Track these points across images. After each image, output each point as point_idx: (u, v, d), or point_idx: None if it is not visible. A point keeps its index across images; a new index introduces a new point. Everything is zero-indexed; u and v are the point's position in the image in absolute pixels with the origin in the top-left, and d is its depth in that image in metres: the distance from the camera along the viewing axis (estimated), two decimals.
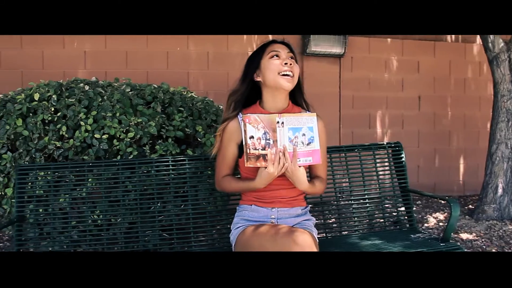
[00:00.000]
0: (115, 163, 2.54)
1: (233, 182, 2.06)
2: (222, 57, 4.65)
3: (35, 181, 2.47)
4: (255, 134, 1.89)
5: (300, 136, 1.91)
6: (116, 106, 2.82)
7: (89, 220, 2.61)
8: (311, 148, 1.92)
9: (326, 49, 4.62)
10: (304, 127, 1.92)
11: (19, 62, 4.37)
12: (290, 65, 1.98)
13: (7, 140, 2.73)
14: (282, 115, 1.91)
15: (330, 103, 4.80)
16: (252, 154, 1.88)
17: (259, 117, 1.90)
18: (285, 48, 2.05)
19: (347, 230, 2.53)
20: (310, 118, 1.94)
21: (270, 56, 2.00)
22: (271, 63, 1.98)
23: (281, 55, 2.00)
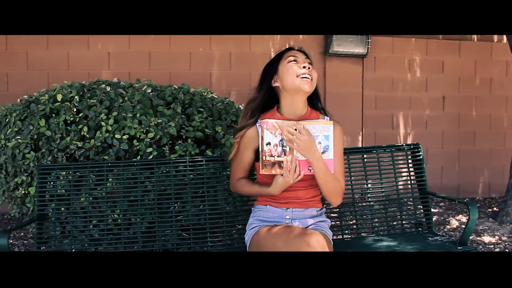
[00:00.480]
0: (134, 163, 2.58)
1: (248, 186, 2.07)
2: (244, 58, 4.67)
3: (56, 180, 2.53)
4: (272, 141, 1.90)
5: (316, 144, 1.91)
6: (137, 107, 2.86)
7: (110, 219, 2.66)
8: (326, 157, 1.91)
9: (349, 49, 4.59)
10: (320, 135, 1.92)
11: (45, 63, 4.46)
12: (309, 68, 1.98)
13: (30, 140, 2.79)
14: (300, 122, 1.91)
15: (353, 104, 4.77)
16: (267, 161, 1.89)
17: (277, 123, 1.91)
18: (302, 54, 2.06)
19: (364, 232, 2.52)
20: (326, 126, 1.94)
21: (288, 60, 2.01)
22: (290, 66, 1.99)
23: (299, 60, 2.01)
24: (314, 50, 4.70)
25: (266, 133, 1.90)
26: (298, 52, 2.06)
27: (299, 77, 1.96)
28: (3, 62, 4.45)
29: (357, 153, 2.53)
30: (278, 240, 1.81)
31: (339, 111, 4.66)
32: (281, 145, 1.90)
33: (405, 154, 2.52)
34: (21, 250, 3.26)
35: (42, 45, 4.47)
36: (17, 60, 4.46)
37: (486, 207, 4.56)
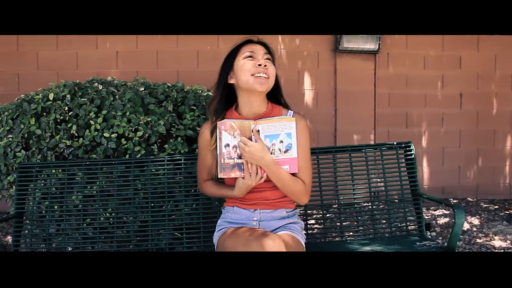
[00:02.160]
0: (127, 161, 2.57)
1: (213, 188, 2.00)
2: None
3: (45, 178, 2.55)
4: (231, 142, 1.82)
5: (277, 143, 1.82)
6: (127, 105, 2.83)
7: (101, 218, 2.64)
8: (288, 156, 1.82)
9: (359, 45, 4.46)
10: (282, 133, 1.83)
11: (55, 63, 4.51)
12: (265, 66, 1.87)
13: (21, 138, 2.79)
14: (258, 122, 1.83)
15: (365, 102, 4.64)
16: (226, 164, 1.81)
17: (235, 124, 1.83)
18: (262, 48, 1.95)
19: (350, 236, 2.41)
20: (289, 124, 1.84)
21: (244, 56, 1.91)
22: (244, 63, 1.89)
23: (256, 56, 1.90)
24: (324, 46, 4.60)
25: (224, 134, 1.82)
26: (257, 46, 1.95)
27: (253, 76, 1.86)
28: (14, 62, 4.52)
29: (343, 152, 2.42)
30: (237, 243, 1.74)
31: (350, 109, 4.59)
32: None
33: (396, 153, 2.39)
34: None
35: (51, 45, 4.52)
36: (28, 60, 4.52)
37: (503, 209, 4.35)
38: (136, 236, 2.58)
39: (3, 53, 4.51)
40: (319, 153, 2.41)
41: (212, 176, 2.03)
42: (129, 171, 2.56)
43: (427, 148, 4.74)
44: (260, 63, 1.87)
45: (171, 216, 2.56)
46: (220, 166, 1.82)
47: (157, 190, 2.60)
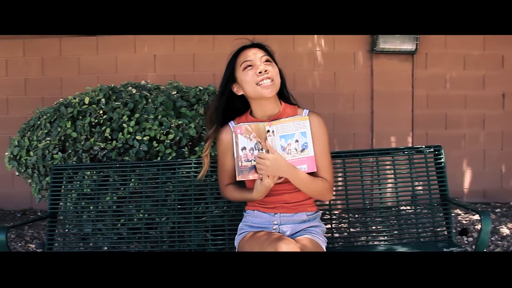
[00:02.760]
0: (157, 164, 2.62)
1: (234, 192, 2.02)
2: (288, 57, 4.59)
3: (80, 179, 2.63)
4: (247, 145, 1.84)
5: (293, 143, 1.83)
6: (159, 108, 2.89)
7: (135, 218, 2.71)
8: (305, 155, 1.82)
9: (396, 46, 4.38)
10: (296, 132, 1.84)
11: (95, 68, 4.64)
12: (266, 72, 1.88)
13: (58, 141, 2.89)
14: (272, 123, 1.84)
15: (402, 103, 4.55)
16: (244, 166, 1.83)
17: (250, 127, 1.84)
18: (257, 51, 1.96)
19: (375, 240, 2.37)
20: (303, 122, 1.84)
21: (243, 67, 1.93)
22: (246, 75, 1.91)
23: (255, 63, 1.91)
24: (360, 47, 4.54)
25: (240, 138, 1.84)
26: (252, 50, 1.96)
27: (258, 85, 1.87)
28: (57, 67, 4.68)
29: (369, 156, 2.39)
30: (254, 247, 1.75)
31: (387, 111, 4.52)
32: (257, 148, 1.83)
33: (425, 157, 2.34)
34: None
35: (92, 50, 4.65)
36: (70, 65, 4.67)
37: None
38: (168, 237, 2.62)
39: (46, 58, 4.68)
40: (345, 157, 2.39)
41: (233, 180, 2.05)
42: (161, 173, 2.61)
43: (468, 150, 4.61)
44: (260, 70, 1.88)
45: (201, 218, 2.59)
46: (238, 169, 1.84)
47: (188, 192, 2.64)
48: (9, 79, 4.71)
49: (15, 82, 4.70)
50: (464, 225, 3.70)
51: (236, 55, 2.00)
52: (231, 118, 2.06)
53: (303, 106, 2.07)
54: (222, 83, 2.03)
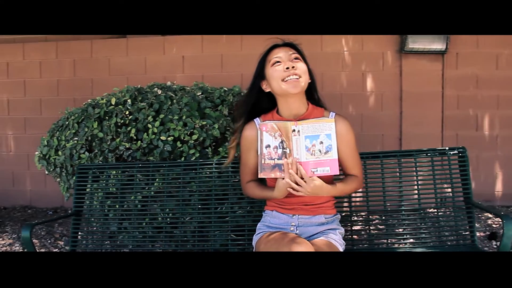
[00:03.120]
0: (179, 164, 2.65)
1: (256, 190, 2.02)
2: (316, 58, 4.54)
3: (106, 179, 2.68)
4: (272, 143, 1.83)
5: (317, 144, 1.82)
6: (184, 109, 2.92)
7: (159, 218, 2.74)
8: (329, 157, 1.81)
9: (425, 46, 4.31)
10: (321, 134, 1.83)
11: (125, 69, 4.72)
12: (293, 68, 1.88)
13: (85, 141, 2.96)
14: (298, 123, 1.84)
15: (432, 104, 4.47)
16: (267, 164, 1.82)
17: (276, 125, 1.85)
18: (287, 50, 1.97)
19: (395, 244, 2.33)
20: (328, 124, 1.83)
21: (272, 63, 1.94)
22: (274, 71, 1.93)
23: (283, 60, 1.92)
24: (389, 47, 4.48)
25: (265, 135, 1.84)
26: (283, 49, 1.98)
27: (284, 81, 1.88)
28: (88, 69, 4.78)
29: (391, 157, 2.35)
30: (270, 248, 1.76)
31: (416, 111, 4.44)
32: (281, 147, 1.83)
33: (448, 159, 2.29)
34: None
35: (122, 52, 4.74)
36: (100, 66, 4.76)
37: None
38: (192, 236, 2.64)
39: (78, 60, 4.79)
40: (367, 158, 2.36)
41: (255, 177, 2.06)
42: (184, 173, 2.63)
43: (500, 152, 4.49)
44: (287, 66, 1.88)
45: (225, 218, 2.60)
46: (260, 166, 1.84)
47: (211, 192, 2.66)
48: (42, 81, 4.84)
49: (48, 84, 4.83)
50: (494, 229, 3.61)
51: (267, 52, 2.03)
52: (258, 115, 2.06)
53: (330, 109, 2.06)
54: (252, 79, 2.06)
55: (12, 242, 3.41)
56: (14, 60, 4.90)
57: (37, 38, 4.88)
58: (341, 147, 1.92)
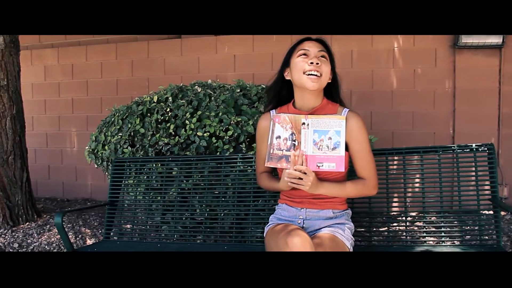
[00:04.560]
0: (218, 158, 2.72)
1: (266, 180, 2.06)
2: (367, 55, 4.52)
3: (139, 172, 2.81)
4: (282, 135, 1.87)
5: (326, 139, 1.83)
6: (221, 106, 3.01)
7: (197, 210, 2.84)
8: (336, 153, 1.81)
9: (480, 40, 4.14)
10: (331, 130, 1.83)
11: (179, 68, 4.90)
12: (317, 64, 1.88)
13: (128, 136, 3.12)
14: (309, 117, 1.85)
15: (488, 100, 4.28)
16: (275, 154, 1.86)
17: (288, 117, 1.88)
18: (317, 46, 1.95)
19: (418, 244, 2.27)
20: (338, 121, 1.84)
21: (299, 54, 1.94)
22: (298, 61, 1.93)
23: (310, 54, 1.92)
24: (442, 43, 4.35)
25: (277, 126, 1.88)
26: (313, 43, 1.96)
27: (305, 74, 1.88)
28: (145, 68, 5.00)
29: (413, 153, 2.30)
30: (272, 239, 1.80)
31: (471, 109, 4.29)
32: (291, 139, 1.85)
33: (474, 157, 2.20)
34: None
35: (176, 52, 4.92)
36: (156, 66, 4.97)
37: None
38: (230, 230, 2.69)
39: (136, 60, 5.03)
40: (389, 154, 2.33)
41: (268, 169, 2.10)
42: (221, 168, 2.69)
43: None
44: (312, 61, 1.88)
45: (261, 212, 2.62)
46: (268, 155, 1.87)
47: (247, 186, 2.71)
48: (103, 81, 5.13)
49: (108, 83, 5.10)
50: None
51: (298, 43, 2.03)
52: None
53: (347, 106, 2.05)
54: (280, 67, 2.08)
55: (67, 231, 3.65)
56: (78, 62, 5.23)
57: (99, 40, 5.17)
58: (351, 144, 1.92)
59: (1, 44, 3.76)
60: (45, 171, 5.39)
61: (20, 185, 3.92)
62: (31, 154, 5.31)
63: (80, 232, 3.66)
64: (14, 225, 3.83)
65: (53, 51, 5.34)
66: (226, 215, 2.71)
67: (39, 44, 5.40)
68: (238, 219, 2.62)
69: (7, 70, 3.82)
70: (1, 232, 3.71)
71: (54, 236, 3.56)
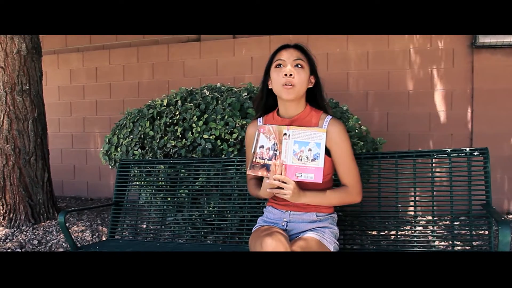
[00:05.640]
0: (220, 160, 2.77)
1: (252, 187, 2.10)
2: (383, 56, 4.50)
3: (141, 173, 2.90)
4: (266, 144, 1.90)
5: (306, 150, 1.85)
6: (227, 109, 3.07)
7: (205, 211, 2.90)
8: (315, 165, 1.83)
9: (498, 39, 4.07)
10: (311, 142, 1.85)
11: (198, 70, 4.99)
12: (291, 75, 1.90)
13: (139, 139, 3.21)
14: (290, 127, 1.88)
15: (507, 101, 4.19)
16: (257, 163, 1.90)
17: (272, 128, 1.91)
18: (293, 54, 1.94)
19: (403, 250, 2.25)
20: (319, 134, 1.85)
21: (275, 65, 1.96)
22: (274, 73, 1.95)
23: (285, 64, 1.93)
24: (459, 43, 4.29)
25: (261, 136, 1.91)
26: (289, 51, 1.95)
27: (281, 85, 1.92)
28: (165, 71, 5.12)
29: (407, 157, 2.29)
30: (253, 240, 1.84)
31: (489, 110, 4.22)
32: (273, 149, 1.89)
33: (467, 161, 2.18)
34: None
35: (195, 55, 5.01)
36: (176, 68, 5.08)
37: None
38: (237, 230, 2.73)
39: (156, 63, 5.16)
40: (381, 158, 2.33)
41: (256, 176, 2.14)
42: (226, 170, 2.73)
43: None
44: (286, 72, 1.90)
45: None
46: (250, 163, 1.92)
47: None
48: (125, 83, 5.27)
49: (130, 86, 5.24)
50: None
51: (275, 52, 2.03)
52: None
53: (333, 114, 2.06)
54: (263, 77, 2.09)
55: (84, 229, 3.78)
56: (101, 65, 5.39)
57: (122, 44, 5.31)
58: (332, 151, 1.94)
59: (23, 51, 3.93)
60: (71, 171, 5.58)
61: (42, 185, 4.09)
62: (58, 154, 5.52)
63: (97, 231, 3.78)
64: (36, 223, 4.00)
65: (78, 55, 5.52)
66: (233, 216, 2.76)
67: (65, 48, 5.59)
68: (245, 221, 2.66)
69: (29, 75, 3.99)
70: (23, 229, 3.88)
71: (72, 234, 3.69)
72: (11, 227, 3.96)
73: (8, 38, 3.87)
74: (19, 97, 3.95)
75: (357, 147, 3.01)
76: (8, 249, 3.46)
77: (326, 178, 1.96)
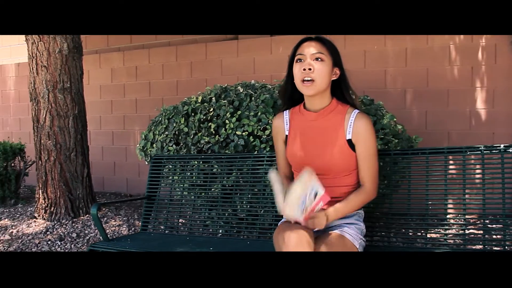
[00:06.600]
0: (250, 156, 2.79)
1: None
2: (421, 53, 4.41)
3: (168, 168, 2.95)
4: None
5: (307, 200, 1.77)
6: (260, 106, 3.09)
7: (238, 207, 2.93)
8: (319, 196, 1.77)
9: None
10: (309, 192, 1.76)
11: (235, 69, 5.03)
12: (310, 70, 1.89)
13: (173, 135, 3.27)
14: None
15: None
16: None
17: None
18: (314, 47, 1.94)
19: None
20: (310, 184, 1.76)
21: (296, 60, 1.97)
22: (295, 68, 1.97)
23: (305, 58, 1.93)
24: (502, 39, 4.15)
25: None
26: (310, 44, 1.95)
27: (301, 81, 1.92)
28: (203, 70, 5.18)
29: (438, 154, 2.23)
30: (276, 235, 1.84)
31: None
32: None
33: (501, 158, 2.11)
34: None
35: (233, 53, 5.05)
36: (214, 67, 5.14)
37: None
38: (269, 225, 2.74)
39: (194, 62, 5.23)
40: (411, 154, 2.27)
41: (285, 168, 2.16)
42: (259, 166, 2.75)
43: None
44: (305, 67, 1.90)
45: None
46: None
47: None
48: (164, 82, 5.37)
49: (169, 84, 5.34)
50: None
51: (297, 46, 2.04)
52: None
53: (358, 107, 2.04)
54: (287, 71, 2.10)
55: (121, 224, 3.88)
56: (141, 64, 5.51)
57: (161, 43, 5.42)
58: (357, 146, 1.93)
59: (65, 50, 4.07)
60: (111, 168, 5.73)
61: (81, 180, 4.22)
62: (99, 151, 5.67)
63: (133, 225, 3.87)
64: (75, 216, 4.14)
65: (119, 54, 5.66)
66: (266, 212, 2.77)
67: (107, 48, 5.74)
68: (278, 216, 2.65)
69: (70, 73, 4.13)
70: (63, 222, 4.02)
71: (109, 228, 3.80)
72: (52, 220, 4.12)
73: (51, 38, 4.02)
74: (61, 94, 4.10)
75: (392, 145, 2.97)
76: (49, 241, 3.59)
77: (353, 173, 1.95)
